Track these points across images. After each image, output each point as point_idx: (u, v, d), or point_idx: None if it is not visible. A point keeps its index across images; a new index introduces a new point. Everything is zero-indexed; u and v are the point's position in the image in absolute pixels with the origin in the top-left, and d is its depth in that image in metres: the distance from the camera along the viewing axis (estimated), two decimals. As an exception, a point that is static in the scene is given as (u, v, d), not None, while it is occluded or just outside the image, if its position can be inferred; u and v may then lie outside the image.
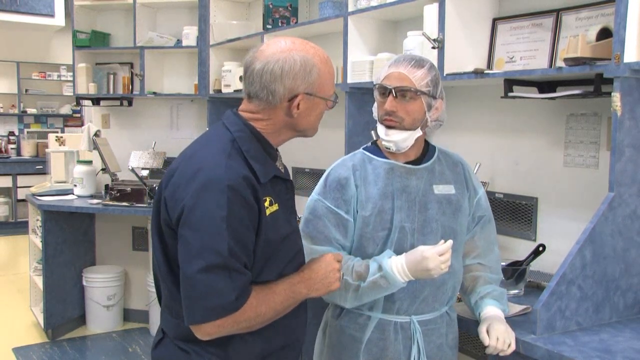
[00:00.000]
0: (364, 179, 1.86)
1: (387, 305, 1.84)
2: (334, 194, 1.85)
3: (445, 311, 1.91)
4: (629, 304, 1.96)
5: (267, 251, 1.49)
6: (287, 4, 3.77)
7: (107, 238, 5.07)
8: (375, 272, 1.75)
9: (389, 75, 1.82)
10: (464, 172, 1.97)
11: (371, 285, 1.76)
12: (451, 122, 2.90)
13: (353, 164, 1.88)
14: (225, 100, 4.55)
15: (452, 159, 1.97)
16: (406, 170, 1.87)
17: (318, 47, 1.57)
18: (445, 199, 1.88)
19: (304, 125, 1.58)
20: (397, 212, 1.82)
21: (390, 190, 1.84)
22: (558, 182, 2.43)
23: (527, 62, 2.47)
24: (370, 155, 1.91)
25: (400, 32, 3.05)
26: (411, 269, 1.72)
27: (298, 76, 1.50)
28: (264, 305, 1.45)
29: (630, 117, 1.87)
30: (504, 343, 1.75)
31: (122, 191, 4.38)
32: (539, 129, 2.50)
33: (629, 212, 1.91)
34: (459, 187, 1.92)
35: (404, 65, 1.82)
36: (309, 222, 1.87)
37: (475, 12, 2.55)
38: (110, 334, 4.77)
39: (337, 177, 1.87)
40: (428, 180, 1.88)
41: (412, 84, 1.80)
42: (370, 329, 1.85)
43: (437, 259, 1.70)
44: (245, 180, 1.43)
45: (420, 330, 1.84)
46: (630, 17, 1.81)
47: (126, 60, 4.93)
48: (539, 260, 2.28)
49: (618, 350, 1.68)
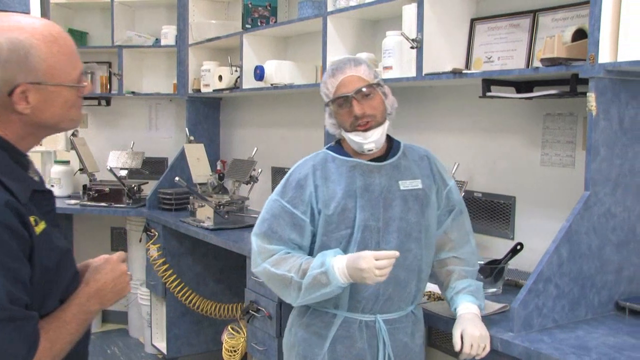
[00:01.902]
0: (325, 178, 1.85)
1: (352, 304, 1.84)
2: (291, 193, 1.85)
3: (410, 310, 1.91)
4: (604, 301, 1.98)
5: (46, 278, 1.27)
6: (266, 3, 3.77)
7: (85, 239, 5.01)
8: (317, 267, 1.74)
9: (342, 84, 1.82)
10: (431, 165, 1.96)
11: (312, 280, 1.74)
12: (430, 122, 2.93)
13: (313, 164, 1.88)
14: (204, 100, 4.53)
15: (417, 153, 1.97)
16: (369, 168, 1.86)
17: (44, 22, 1.29)
18: (411, 194, 1.87)
19: (50, 120, 1.31)
20: (360, 210, 1.81)
21: (353, 189, 1.83)
22: (535, 181, 2.45)
23: (504, 62, 2.49)
24: (333, 154, 1.90)
25: (379, 32, 3.06)
26: (349, 268, 1.70)
27: (9, 64, 1.22)
28: (58, 344, 1.27)
29: (605, 117, 1.90)
30: (479, 347, 1.75)
31: (101, 191, 4.34)
32: (516, 128, 2.53)
33: (603, 211, 1.94)
34: (426, 181, 1.92)
35: (348, 69, 1.83)
36: (265, 221, 1.87)
37: (453, 13, 2.57)
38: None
39: (296, 177, 1.87)
40: (393, 176, 1.87)
41: (365, 81, 1.82)
42: (336, 327, 1.85)
43: (371, 261, 1.67)
44: (8, 206, 1.18)
45: (385, 329, 1.85)
46: (604, 18, 1.84)
47: (104, 60, 4.88)
48: (517, 258, 2.30)
49: (593, 346, 1.70)
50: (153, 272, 4.04)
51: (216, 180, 3.89)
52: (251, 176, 3.64)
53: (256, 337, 2.89)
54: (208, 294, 4.02)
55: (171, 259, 3.98)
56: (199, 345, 4.17)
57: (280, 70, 3.46)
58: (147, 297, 4.30)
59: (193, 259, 4.06)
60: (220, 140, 4.67)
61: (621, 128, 1.95)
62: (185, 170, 4.06)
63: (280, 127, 3.99)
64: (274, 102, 4.05)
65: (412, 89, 2.99)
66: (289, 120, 3.90)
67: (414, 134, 2.99)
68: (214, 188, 3.86)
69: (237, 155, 4.32)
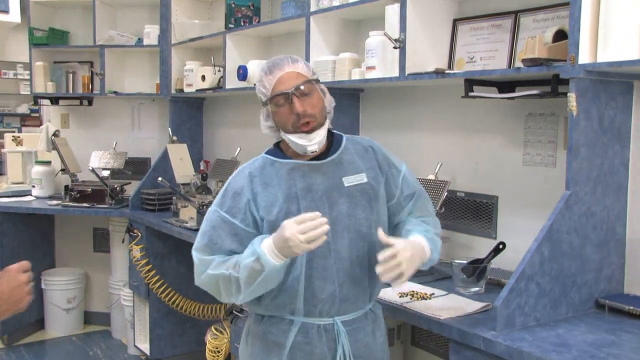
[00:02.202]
0: (265, 184, 1.79)
1: (308, 309, 1.78)
2: (229, 202, 1.79)
3: (369, 308, 1.87)
4: (584, 299, 2.00)
5: None
6: (250, 3, 3.76)
7: (67, 240, 4.98)
8: (249, 256, 1.68)
9: (280, 81, 1.75)
10: (376, 156, 1.89)
11: (248, 271, 1.67)
12: (412, 122, 2.94)
13: (250, 172, 1.81)
14: (187, 100, 4.51)
15: (361, 145, 1.89)
16: (309, 168, 1.80)
17: None
18: (357, 190, 1.81)
19: None
20: (304, 212, 1.72)
21: (294, 192, 1.77)
22: (517, 181, 2.47)
23: (486, 62, 2.51)
24: (272, 158, 1.84)
25: (362, 32, 3.06)
26: (276, 244, 1.64)
27: None
28: None
29: (585, 117, 1.92)
30: (398, 267, 1.67)
31: (83, 192, 4.31)
32: (498, 128, 2.54)
33: (584, 210, 1.96)
34: (372, 173, 1.85)
35: (286, 65, 1.76)
36: (204, 234, 1.81)
37: (436, 13, 2.58)
38: (70, 337, 4.69)
39: (233, 187, 1.81)
40: (336, 173, 1.81)
41: (304, 77, 1.75)
42: (294, 334, 1.79)
43: (292, 226, 1.61)
44: None
45: (344, 331, 1.80)
46: (584, 19, 1.86)
47: (86, 59, 4.84)
48: (500, 258, 2.31)
49: (573, 344, 1.72)
50: (136, 273, 4.01)
51: (199, 181, 3.88)
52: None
53: (239, 338, 2.87)
54: (191, 294, 4.01)
55: (154, 259, 3.96)
56: (182, 346, 4.15)
57: (264, 70, 3.45)
58: (130, 298, 4.27)
59: (176, 259, 4.04)
60: (203, 140, 4.66)
61: (601, 128, 1.97)
62: (168, 171, 4.04)
63: (264, 127, 3.97)
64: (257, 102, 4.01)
65: (395, 89, 3.00)
66: (272, 120, 3.88)
67: (396, 134, 3.00)
68: (197, 188, 3.84)
69: (220, 155, 4.30)
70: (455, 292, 2.23)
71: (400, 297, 2.17)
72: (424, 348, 2.90)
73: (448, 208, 2.67)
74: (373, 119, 3.16)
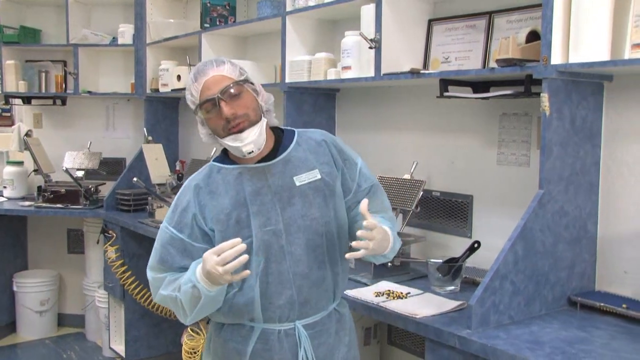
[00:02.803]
0: (212, 193, 1.73)
1: (268, 315, 1.73)
2: (177, 218, 1.73)
3: (333, 308, 1.82)
4: (557, 297, 2.03)
5: None
6: (225, 2, 3.74)
7: (41, 241, 4.91)
8: (187, 282, 1.65)
9: (205, 86, 1.68)
10: (330, 150, 1.81)
11: (188, 296, 1.64)
12: (388, 122, 2.95)
13: (196, 183, 1.76)
14: (162, 100, 4.48)
15: (314, 140, 1.81)
16: (256, 171, 1.73)
17: None
18: (310, 188, 1.74)
19: None
20: (254, 217, 1.69)
21: (242, 197, 1.71)
22: (492, 180, 2.49)
23: (461, 62, 2.52)
24: (219, 165, 1.78)
25: (338, 32, 3.07)
26: (203, 275, 1.61)
27: None
28: None
29: (558, 117, 1.94)
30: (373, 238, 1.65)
31: (56, 192, 4.25)
32: (473, 128, 2.56)
33: (557, 209, 1.98)
34: (326, 169, 1.78)
35: (210, 69, 1.70)
36: (156, 252, 1.76)
37: (411, 13, 2.60)
38: (44, 340, 4.62)
39: (180, 201, 1.76)
40: (286, 173, 1.74)
41: (230, 79, 1.68)
42: (254, 340, 1.74)
43: (211, 259, 1.57)
44: None
45: (306, 335, 1.75)
46: (556, 21, 1.88)
47: (59, 58, 4.78)
48: (475, 256, 2.33)
49: (546, 341, 1.74)
50: (111, 274, 3.97)
51: (175, 181, 3.85)
52: (211, 176, 3.61)
53: (216, 339, 2.86)
54: (167, 295, 3.97)
55: (130, 260, 3.93)
56: (159, 347, 4.12)
57: (240, 69, 3.44)
58: (105, 300, 4.23)
59: (152, 260, 4.00)
60: (179, 140, 4.63)
61: (573, 128, 2.00)
62: (144, 171, 4.01)
63: (240, 126, 3.96)
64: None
65: (370, 89, 3.01)
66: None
67: (372, 134, 3.01)
68: (172, 188, 3.81)
69: (196, 155, 4.28)
70: (431, 291, 2.25)
71: (376, 296, 2.18)
72: (401, 347, 2.91)
73: (423, 207, 2.68)
74: (349, 119, 3.16)
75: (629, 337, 1.78)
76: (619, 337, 1.78)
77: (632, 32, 1.76)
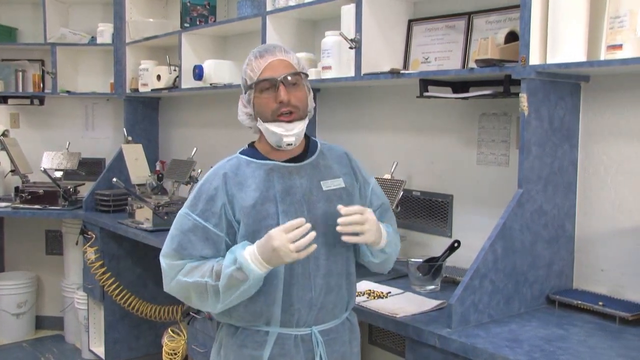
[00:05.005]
0: (240, 185, 1.70)
1: (286, 318, 1.70)
2: (203, 205, 1.70)
3: (346, 317, 1.83)
4: (536, 295, 2.05)
5: None
6: (205, 2, 3.73)
7: (18, 243, 4.85)
8: (231, 265, 1.61)
9: (270, 66, 1.67)
10: (351, 163, 1.86)
11: (228, 280, 1.60)
12: (368, 122, 2.96)
13: (225, 172, 1.73)
14: (142, 100, 4.45)
15: (335, 152, 1.86)
16: (288, 170, 1.73)
17: None
18: (335, 194, 1.76)
19: None
20: (282, 216, 1.68)
21: (272, 194, 1.70)
22: (472, 180, 2.51)
23: (441, 62, 2.54)
24: (247, 158, 1.76)
25: (319, 32, 3.07)
26: (263, 254, 1.59)
27: None
28: None
29: (536, 117, 1.96)
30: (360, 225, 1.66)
31: (34, 193, 4.20)
32: (453, 128, 2.58)
33: (536, 208, 2.00)
34: (348, 179, 1.81)
35: (278, 52, 1.69)
36: (173, 238, 1.71)
37: (391, 13, 2.61)
38: (21, 343, 4.57)
39: (207, 188, 1.72)
40: (314, 176, 1.76)
41: (295, 68, 1.69)
42: (270, 346, 1.71)
43: (282, 236, 1.56)
44: None
45: (322, 341, 1.73)
46: (534, 22, 1.90)
47: (36, 57, 4.73)
48: (455, 256, 2.34)
49: (525, 339, 1.76)
50: (90, 276, 3.93)
51: (155, 181, 3.82)
52: (191, 176, 3.59)
53: (197, 339, 2.85)
54: (148, 296, 3.95)
55: (109, 261, 3.89)
56: (139, 349, 4.09)
57: (220, 69, 3.43)
58: (84, 301, 4.19)
59: (132, 261, 3.97)
60: (159, 140, 4.60)
61: (551, 128, 2.02)
62: (124, 171, 3.97)
63: (220, 127, 3.95)
64: (214, 102, 4.01)
65: (350, 89, 3.02)
66: (228, 120, 3.86)
67: (352, 134, 3.02)
68: (152, 189, 3.79)
69: (176, 155, 4.25)
70: (411, 290, 2.26)
71: (357, 296, 2.18)
72: (381, 346, 2.92)
73: (404, 207, 2.69)
74: (329, 119, 3.16)
75: (605, 334, 1.80)
76: (595, 334, 1.80)
77: (608, 33, 1.78)
